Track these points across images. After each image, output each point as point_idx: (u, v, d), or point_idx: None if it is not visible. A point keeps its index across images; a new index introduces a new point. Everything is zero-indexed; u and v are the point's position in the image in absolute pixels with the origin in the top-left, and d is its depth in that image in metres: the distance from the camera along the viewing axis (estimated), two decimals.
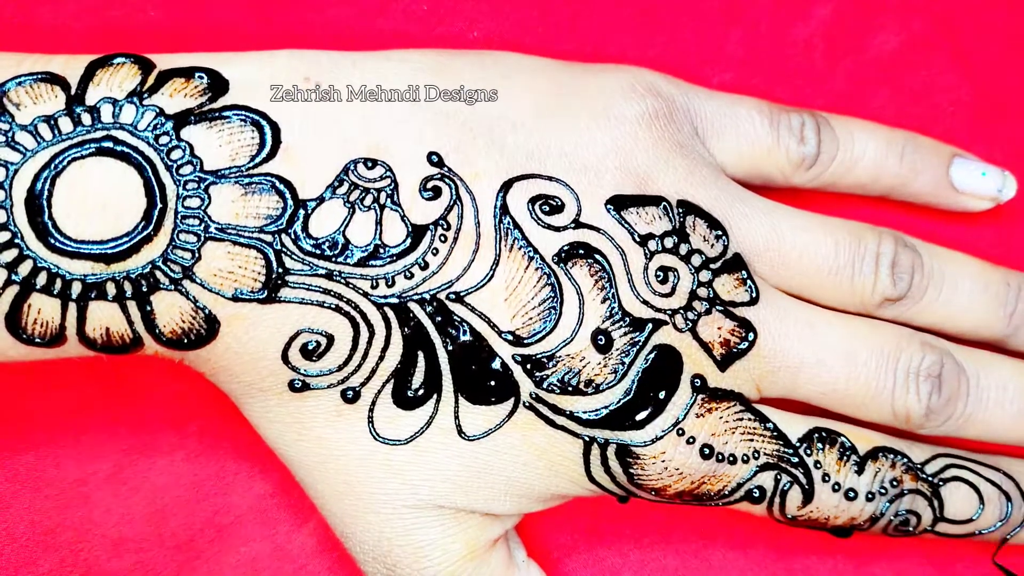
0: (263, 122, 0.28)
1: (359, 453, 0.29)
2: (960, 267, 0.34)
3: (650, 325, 0.29)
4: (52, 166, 0.26)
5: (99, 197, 0.26)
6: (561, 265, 0.29)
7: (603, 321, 0.29)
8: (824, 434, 0.31)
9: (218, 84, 0.28)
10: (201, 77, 0.28)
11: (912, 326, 0.33)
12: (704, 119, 0.33)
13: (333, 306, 0.28)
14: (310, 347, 0.28)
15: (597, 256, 0.29)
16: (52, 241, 0.26)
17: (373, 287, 0.28)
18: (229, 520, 0.34)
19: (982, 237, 0.37)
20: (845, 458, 0.31)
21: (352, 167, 0.28)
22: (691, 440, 0.29)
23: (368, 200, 0.28)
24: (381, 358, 0.28)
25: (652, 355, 0.29)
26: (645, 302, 0.29)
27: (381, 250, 0.28)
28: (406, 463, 0.29)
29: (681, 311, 0.30)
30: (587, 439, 0.29)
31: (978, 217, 0.37)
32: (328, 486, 0.30)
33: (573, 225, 0.29)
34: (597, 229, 0.29)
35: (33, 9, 0.36)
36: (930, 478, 0.31)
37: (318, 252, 0.27)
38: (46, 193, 0.26)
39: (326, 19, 0.37)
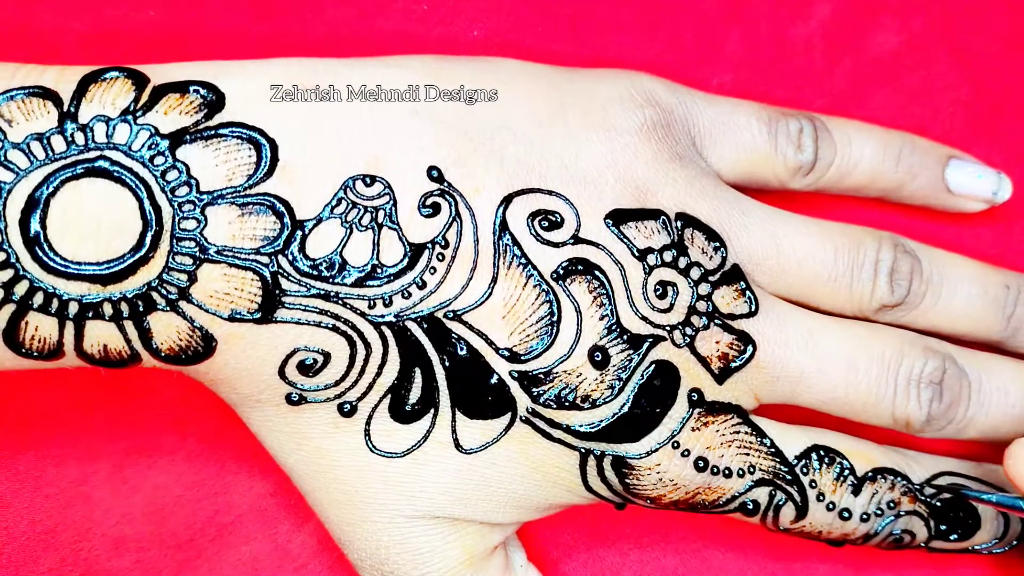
0: (260, 139, 0.27)
1: (356, 464, 0.29)
2: (959, 271, 0.34)
3: (648, 341, 0.29)
4: (45, 186, 0.26)
5: (93, 218, 0.26)
6: (560, 282, 0.29)
7: (600, 338, 0.29)
8: (822, 452, 0.31)
9: (214, 99, 0.28)
10: (196, 92, 0.28)
11: (912, 329, 0.33)
12: (702, 128, 0.32)
13: (330, 326, 0.28)
14: (307, 363, 0.28)
15: (596, 272, 0.29)
16: (47, 262, 0.26)
17: (370, 307, 0.28)
18: (229, 519, 0.34)
19: (981, 237, 0.37)
20: (842, 479, 0.31)
21: (350, 184, 0.28)
22: (686, 453, 0.29)
23: (366, 220, 0.28)
24: (378, 374, 0.28)
25: (649, 371, 0.29)
26: (644, 318, 0.29)
27: (378, 270, 0.28)
28: (403, 475, 0.29)
29: (679, 327, 0.29)
30: (583, 451, 0.29)
31: (977, 217, 0.37)
32: (326, 495, 0.30)
33: (572, 241, 0.29)
34: (596, 244, 0.29)
35: (33, 8, 0.35)
36: (928, 500, 0.32)
37: (315, 273, 0.27)
38: (40, 214, 0.26)
39: (326, 19, 0.36)
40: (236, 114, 0.28)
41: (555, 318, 0.28)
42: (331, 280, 0.27)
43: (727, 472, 0.30)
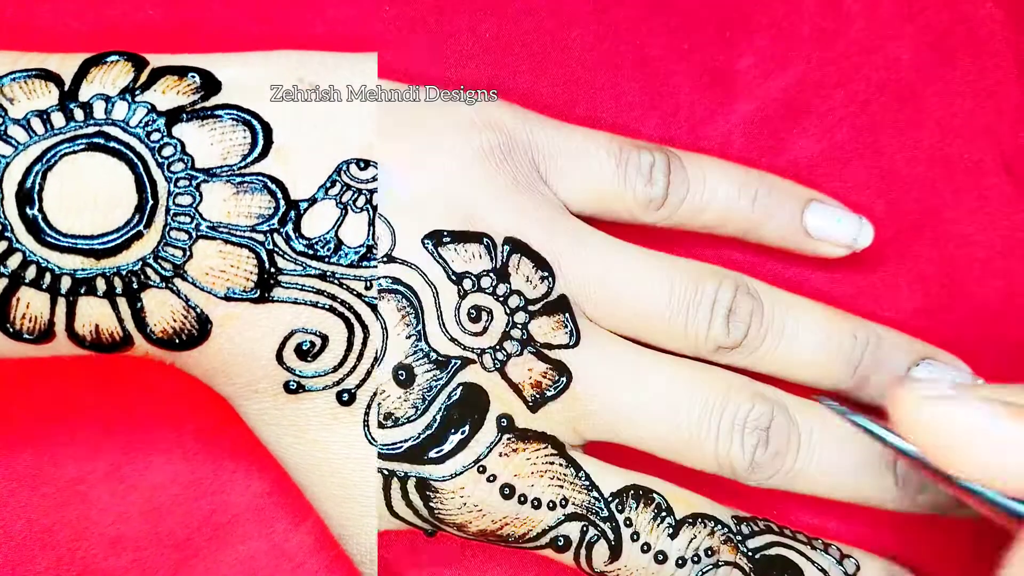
0: (255, 122, 0.28)
1: (355, 456, 0.29)
2: (805, 316, 0.32)
3: (456, 363, 0.29)
4: (43, 160, 0.26)
5: (90, 192, 0.26)
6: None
7: (406, 356, 0.28)
8: (640, 492, 0.30)
9: (211, 84, 0.28)
10: (193, 76, 0.28)
11: (752, 373, 0.32)
12: (547, 156, 0.32)
13: (327, 307, 0.28)
14: (304, 347, 0.28)
15: (405, 292, 0.28)
16: (42, 235, 0.26)
17: (367, 288, 0.28)
18: (226, 518, 0.34)
19: (839, 283, 0.36)
20: (659, 520, 0.30)
21: (344, 167, 0.28)
22: (492, 478, 0.29)
23: (361, 201, 0.28)
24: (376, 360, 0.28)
25: (456, 392, 0.28)
26: (453, 339, 0.29)
27: (374, 251, 0.28)
28: None
29: (490, 350, 0.29)
30: (387, 472, 0.29)
31: (843, 262, 0.35)
32: (325, 489, 0.30)
33: (385, 260, 0.28)
34: (409, 264, 0.28)
35: (33, 8, 0.36)
36: (751, 552, 0.30)
37: (311, 252, 0.27)
38: (37, 187, 0.26)
39: (326, 19, 0.37)
40: (232, 98, 0.28)
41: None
42: (327, 260, 0.27)
43: (536, 503, 0.29)
